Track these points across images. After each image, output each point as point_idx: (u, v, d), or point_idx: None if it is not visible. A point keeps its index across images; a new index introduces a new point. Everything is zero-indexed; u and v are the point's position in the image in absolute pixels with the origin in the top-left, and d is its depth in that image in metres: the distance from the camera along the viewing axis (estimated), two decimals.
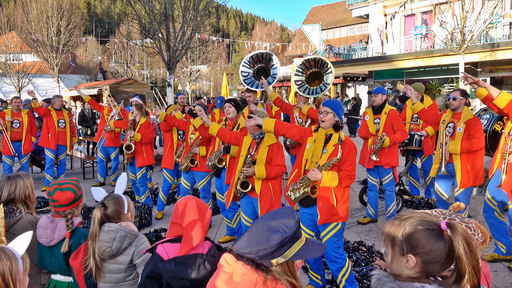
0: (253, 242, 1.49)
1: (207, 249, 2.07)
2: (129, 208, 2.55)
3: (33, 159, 8.96)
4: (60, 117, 8.03)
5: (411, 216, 1.45)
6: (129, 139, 6.16)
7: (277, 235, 1.48)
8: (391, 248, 1.46)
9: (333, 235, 3.49)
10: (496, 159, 4.20)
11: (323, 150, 3.50)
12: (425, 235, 1.38)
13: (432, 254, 1.37)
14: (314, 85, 6.33)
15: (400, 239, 1.42)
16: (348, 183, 3.46)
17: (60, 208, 2.54)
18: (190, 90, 36.99)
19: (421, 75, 20.93)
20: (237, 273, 1.50)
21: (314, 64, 6.31)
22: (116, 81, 25.49)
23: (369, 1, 23.40)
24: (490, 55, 16.80)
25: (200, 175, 5.53)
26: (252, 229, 1.55)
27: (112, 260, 2.42)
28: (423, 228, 1.39)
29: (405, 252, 1.40)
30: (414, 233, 1.39)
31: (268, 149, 3.99)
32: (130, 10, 12.42)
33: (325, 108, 3.53)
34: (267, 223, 1.53)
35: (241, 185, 4.05)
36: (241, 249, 1.51)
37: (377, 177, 5.59)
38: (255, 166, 3.95)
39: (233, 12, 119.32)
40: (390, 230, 1.46)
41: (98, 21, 72.23)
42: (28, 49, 25.60)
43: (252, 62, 6.67)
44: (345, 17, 35.83)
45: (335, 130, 3.54)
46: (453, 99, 4.73)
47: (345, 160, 3.43)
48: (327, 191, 3.42)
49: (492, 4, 14.84)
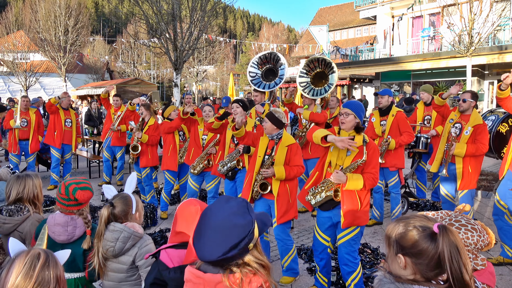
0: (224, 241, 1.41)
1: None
2: (137, 208, 2.55)
3: (39, 158, 9.03)
4: (67, 117, 8.08)
5: (409, 217, 1.47)
6: (136, 140, 6.19)
7: (246, 219, 1.44)
8: (388, 248, 1.49)
9: (350, 238, 3.44)
10: (507, 161, 4.16)
11: (347, 152, 3.43)
12: (414, 236, 1.39)
13: (422, 255, 1.37)
14: (321, 85, 6.29)
15: (393, 239, 1.44)
16: (372, 186, 3.39)
17: (77, 206, 2.58)
18: (196, 91, 37.06)
19: (428, 77, 20.81)
20: (209, 286, 1.45)
21: (318, 64, 6.27)
22: (123, 81, 25.62)
23: (376, 3, 23.32)
24: (498, 58, 16.67)
25: (211, 177, 5.48)
26: (210, 233, 1.45)
27: (115, 259, 2.43)
28: (415, 229, 1.40)
29: (396, 251, 1.42)
30: (405, 233, 1.41)
31: (287, 149, 3.90)
32: (138, 10, 12.49)
33: (346, 110, 3.44)
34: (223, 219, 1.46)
35: (260, 187, 3.96)
36: (216, 255, 1.41)
37: (382, 179, 5.57)
38: (274, 167, 3.85)
39: (240, 12, 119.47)
40: (389, 229, 1.49)
41: (105, 21, 72.68)
42: (36, 48, 25.81)
43: (261, 63, 6.65)
44: (352, 18, 35.73)
45: (356, 132, 3.45)
46: (463, 101, 4.70)
47: (369, 163, 3.35)
48: (351, 194, 3.35)
49: (501, 7, 14.73)
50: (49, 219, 2.57)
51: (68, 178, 2.68)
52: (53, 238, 2.54)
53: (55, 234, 2.53)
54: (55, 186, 8.13)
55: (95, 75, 36.28)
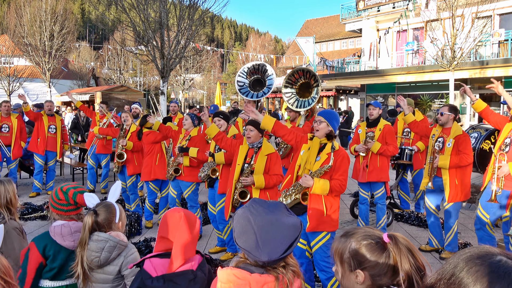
0: (282, 241, 1.48)
1: (197, 264, 2.00)
2: (120, 218, 2.51)
3: (22, 165, 8.85)
4: (51, 123, 7.95)
5: (356, 232, 1.46)
6: (121, 148, 6.12)
7: (296, 220, 1.52)
8: (340, 265, 1.46)
9: (322, 244, 3.51)
10: (488, 173, 4.26)
11: (317, 157, 3.55)
12: (369, 249, 1.40)
13: (378, 267, 1.38)
14: (307, 95, 6.29)
15: (347, 255, 1.43)
16: (339, 192, 3.49)
17: (75, 211, 2.57)
18: (183, 99, 36.95)
19: (412, 90, 21.19)
20: (256, 286, 1.45)
21: (302, 75, 6.30)
22: (109, 87, 25.36)
23: (362, 16, 23.72)
24: (480, 72, 17.09)
25: (184, 184, 5.47)
26: (269, 232, 1.49)
27: (100, 270, 2.38)
28: (367, 242, 1.41)
29: (353, 268, 1.41)
30: (359, 248, 1.41)
31: (267, 158, 3.99)
32: (125, 17, 12.42)
33: (319, 117, 3.61)
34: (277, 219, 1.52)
35: (240, 195, 4.01)
36: (278, 254, 1.47)
37: (368, 190, 5.62)
38: (254, 175, 3.93)
39: (228, 22, 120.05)
40: (338, 247, 1.47)
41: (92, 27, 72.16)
42: (20, 53, 25.42)
43: (249, 73, 6.70)
44: (338, 30, 36.26)
45: (328, 140, 3.59)
46: (440, 114, 4.82)
47: (337, 169, 3.47)
48: (317, 198, 3.45)
49: (482, 23, 15.15)
50: (61, 229, 2.48)
51: (63, 184, 2.63)
52: (71, 246, 2.47)
53: (75, 242, 2.46)
54: (37, 193, 7.97)
55: (80, 81, 35.90)
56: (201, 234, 5.75)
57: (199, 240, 5.58)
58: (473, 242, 5.23)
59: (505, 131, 4.16)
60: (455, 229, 4.86)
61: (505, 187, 3.96)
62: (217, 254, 5.10)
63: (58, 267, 2.46)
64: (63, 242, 2.47)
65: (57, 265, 2.45)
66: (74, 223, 2.53)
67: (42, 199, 7.59)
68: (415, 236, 5.77)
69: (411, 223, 6.24)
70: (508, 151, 3.98)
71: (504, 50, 17.31)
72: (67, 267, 2.47)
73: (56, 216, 2.56)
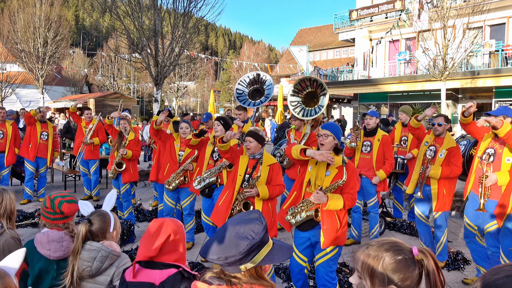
0: (221, 249, 1.50)
1: (164, 278, 1.98)
2: (115, 227, 2.48)
3: (14, 171, 8.76)
4: (43, 129, 7.90)
5: (384, 244, 1.46)
6: (120, 156, 6.11)
7: (245, 242, 1.49)
8: (370, 280, 1.44)
9: (329, 258, 3.45)
10: (469, 182, 4.28)
11: (326, 172, 3.48)
12: (404, 265, 1.40)
13: (409, 280, 1.40)
14: (312, 105, 6.25)
15: (380, 271, 1.41)
16: (351, 206, 3.44)
17: (62, 220, 2.54)
18: (176, 106, 36.92)
19: (404, 99, 21.37)
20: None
21: (309, 84, 6.26)
22: (102, 94, 25.34)
23: (355, 26, 23.95)
24: (471, 82, 17.31)
25: (186, 191, 5.43)
26: (219, 235, 1.56)
27: (91, 280, 2.34)
28: (402, 258, 1.41)
29: (386, 283, 1.40)
30: (394, 264, 1.41)
31: (269, 168, 3.93)
32: (119, 24, 12.44)
33: (325, 131, 3.52)
34: (235, 229, 1.54)
35: (244, 206, 3.94)
36: (209, 256, 1.53)
37: (361, 199, 5.64)
38: (258, 186, 3.86)
39: (222, 30, 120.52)
40: (367, 261, 1.45)
41: (85, 34, 72.05)
42: (13, 59, 25.29)
43: (249, 83, 6.78)
44: (331, 40, 36.56)
45: (335, 153, 3.52)
46: (438, 125, 4.85)
47: (348, 183, 3.41)
48: (331, 214, 3.39)
49: (473, 34, 15.39)
50: (41, 237, 2.48)
51: (53, 192, 2.62)
52: (47, 255, 2.46)
53: (50, 251, 2.45)
54: (29, 200, 7.89)
55: (73, 87, 35.75)
56: (194, 242, 5.72)
57: (192, 248, 5.56)
58: (464, 251, 5.27)
59: (485, 141, 4.19)
60: (445, 238, 4.89)
61: (493, 197, 4.00)
62: (210, 263, 5.07)
63: (35, 276, 2.46)
64: (41, 250, 2.46)
65: (34, 274, 2.46)
66: (53, 231, 2.50)
67: (33, 206, 7.52)
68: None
69: (403, 231, 6.27)
70: (494, 161, 4.02)
71: (495, 60, 17.56)
72: (48, 277, 2.46)
73: (46, 224, 2.55)
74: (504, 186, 3.91)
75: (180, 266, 2.05)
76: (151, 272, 2.02)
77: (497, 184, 3.93)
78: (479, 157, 4.16)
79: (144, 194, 8.79)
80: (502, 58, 17.15)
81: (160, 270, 2.01)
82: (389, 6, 21.52)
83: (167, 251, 2.06)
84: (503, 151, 3.95)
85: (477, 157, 4.21)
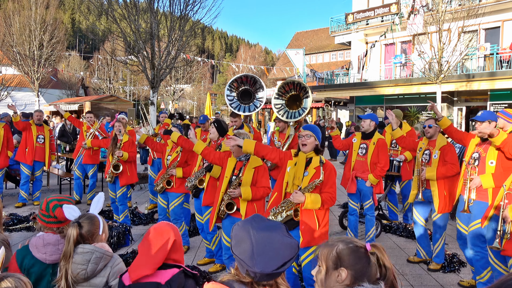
0: (277, 257, 1.54)
1: (168, 277, 2.00)
2: (104, 230, 2.46)
3: (8, 174, 8.71)
4: (40, 133, 7.87)
5: (342, 239, 1.65)
6: (116, 158, 6.08)
7: (294, 241, 1.61)
8: (325, 263, 1.59)
9: (312, 259, 3.50)
10: (459, 185, 4.35)
11: (304, 173, 3.56)
12: (355, 251, 1.56)
13: (359, 265, 1.53)
14: (295, 108, 6.38)
15: (333, 254, 1.57)
16: (330, 205, 3.52)
17: (57, 224, 2.51)
18: (173, 109, 36.87)
19: (400, 102, 21.45)
20: None
21: (293, 87, 6.37)
22: (98, 97, 25.27)
23: (351, 29, 24.04)
24: (466, 85, 17.40)
25: (173, 195, 5.45)
26: (267, 246, 1.56)
27: (85, 283, 2.31)
28: (353, 246, 1.58)
29: (338, 266, 1.55)
30: (345, 249, 1.57)
31: (254, 171, 4.00)
32: (115, 27, 12.42)
33: (307, 132, 3.63)
34: (276, 236, 1.59)
35: (227, 207, 4.03)
36: (271, 269, 1.52)
37: (358, 201, 5.64)
38: (241, 187, 3.94)
39: (219, 33, 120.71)
40: (324, 249, 1.63)
41: (82, 37, 71.98)
42: (9, 62, 25.19)
43: (236, 85, 6.75)
44: (328, 43, 36.66)
45: (315, 154, 3.62)
46: (428, 127, 4.90)
47: (326, 182, 3.51)
48: (309, 213, 3.45)
49: (468, 37, 15.49)
50: (36, 241, 2.45)
51: (52, 195, 2.60)
52: (43, 259, 2.42)
53: (46, 254, 2.42)
54: (24, 204, 7.84)
55: (69, 90, 35.62)
56: (189, 246, 5.70)
57: (188, 252, 5.54)
58: (460, 253, 5.27)
59: (471, 146, 4.27)
60: (443, 240, 4.90)
61: (481, 199, 4.06)
62: (206, 266, 5.06)
63: (32, 282, 2.40)
64: (37, 254, 2.43)
65: (29, 279, 2.41)
66: (48, 235, 2.48)
67: (28, 210, 7.47)
68: (403, 247, 5.80)
69: (399, 234, 6.28)
70: (479, 164, 4.11)
71: (490, 63, 17.67)
72: (43, 282, 2.43)
73: (42, 228, 2.53)
74: (490, 188, 4.00)
75: (181, 266, 2.11)
76: (155, 272, 2.08)
77: (482, 186, 4.02)
78: (465, 161, 4.27)
79: (140, 198, 8.76)
80: (497, 62, 17.25)
81: (164, 270, 2.07)
82: (385, 10, 21.62)
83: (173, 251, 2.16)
84: (487, 154, 4.07)
85: (463, 161, 4.31)
